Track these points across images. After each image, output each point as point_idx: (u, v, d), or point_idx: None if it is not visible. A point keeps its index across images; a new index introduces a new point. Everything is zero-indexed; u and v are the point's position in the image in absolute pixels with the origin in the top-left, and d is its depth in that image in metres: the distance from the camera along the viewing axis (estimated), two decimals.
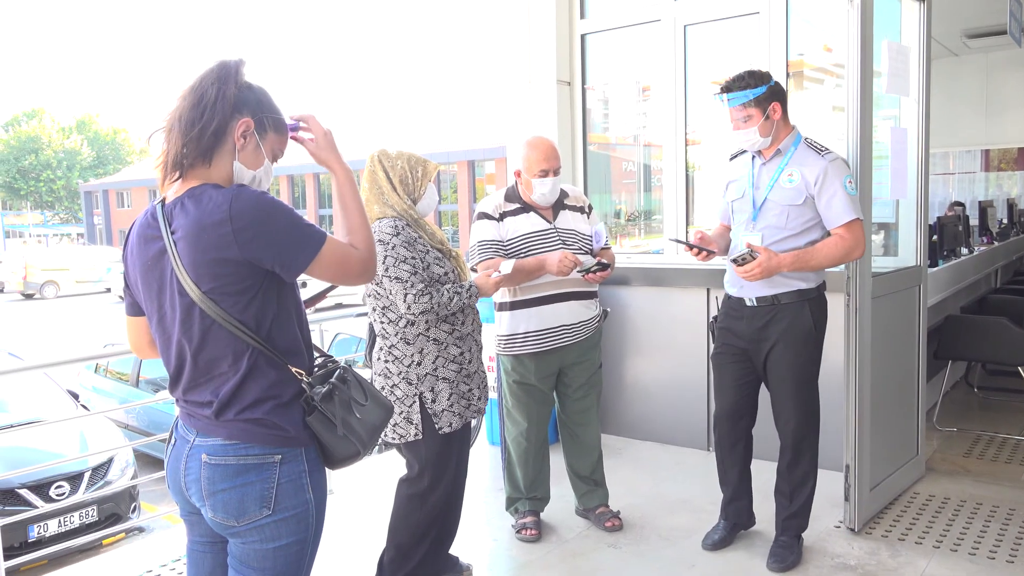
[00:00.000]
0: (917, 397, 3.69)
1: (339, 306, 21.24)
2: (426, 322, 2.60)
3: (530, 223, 3.19)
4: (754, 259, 2.71)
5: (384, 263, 2.54)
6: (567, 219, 3.25)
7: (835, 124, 4.16)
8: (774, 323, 2.86)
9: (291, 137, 1.74)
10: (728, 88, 2.81)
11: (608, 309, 3.55)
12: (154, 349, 1.73)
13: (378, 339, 2.72)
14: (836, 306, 3.22)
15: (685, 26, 4.37)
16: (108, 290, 26.99)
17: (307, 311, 1.80)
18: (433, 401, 2.63)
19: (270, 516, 1.59)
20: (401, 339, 2.64)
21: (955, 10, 6.82)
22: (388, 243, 2.55)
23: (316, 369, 1.70)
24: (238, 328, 1.56)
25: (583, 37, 4.81)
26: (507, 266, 2.85)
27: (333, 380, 1.67)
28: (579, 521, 3.43)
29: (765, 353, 2.90)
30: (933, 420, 4.53)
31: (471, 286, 2.67)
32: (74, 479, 5.59)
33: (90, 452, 5.69)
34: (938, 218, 5.18)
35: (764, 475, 3.16)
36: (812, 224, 2.82)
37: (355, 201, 1.74)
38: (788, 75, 4.06)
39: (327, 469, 1.70)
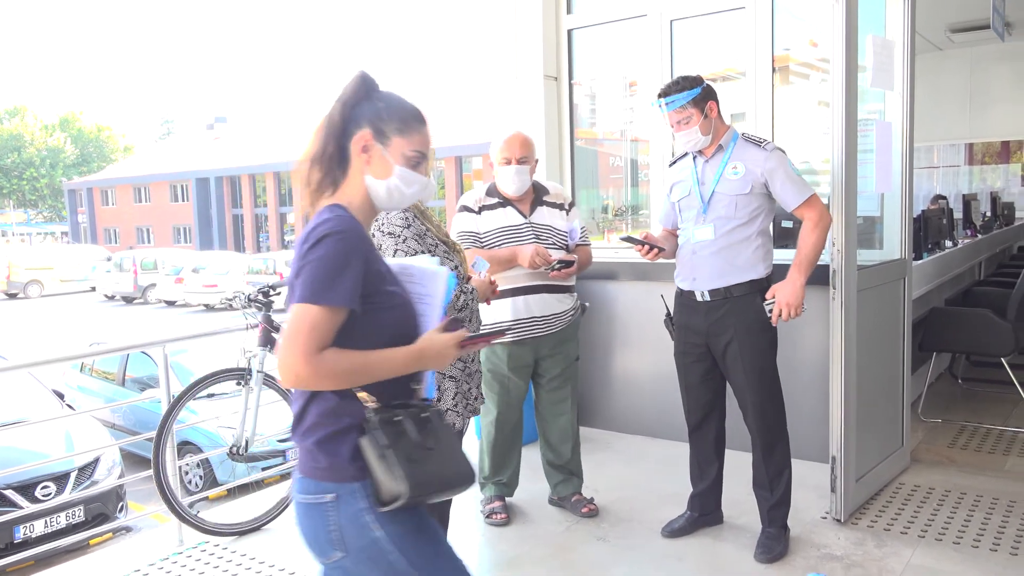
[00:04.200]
0: (902, 389, 3.72)
1: None
2: None
3: (506, 217, 3.26)
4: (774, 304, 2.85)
5: (394, 256, 2.48)
6: (543, 215, 3.32)
7: (821, 118, 4.19)
8: (729, 316, 2.92)
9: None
10: (666, 93, 2.93)
11: (587, 304, 3.60)
12: None
13: None
14: (822, 299, 3.25)
15: (671, 21, 4.37)
16: (93, 289, 26.81)
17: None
18: (438, 400, 2.59)
19: (346, 558, 1.53)
20: None
21: (939, 5, 6.87)
22: (399, 236, 2.48)
23: (402, 405, 1.56)
24: None
25: (570, 32, 4.81)
26: (482, 266, 2.84)
27: (400, 415, 1.53)
28: (562, 514, 3.45)
29: (723, 346, 2.95)
30: (918, 411, 4.57)
31: (474, 289, 2.65)
32: (60, 479, 5.55)
33: (76, 452, 5.66)
34: (922, 211, 5.22)
35: (740, 466, 3.17)
36: (759, 212, 2.91)
37: (379, 367, 1.54)
38: (774, 70, 4.08)
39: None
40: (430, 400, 1.65)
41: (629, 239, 3.09)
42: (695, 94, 2.89)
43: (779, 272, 2.98)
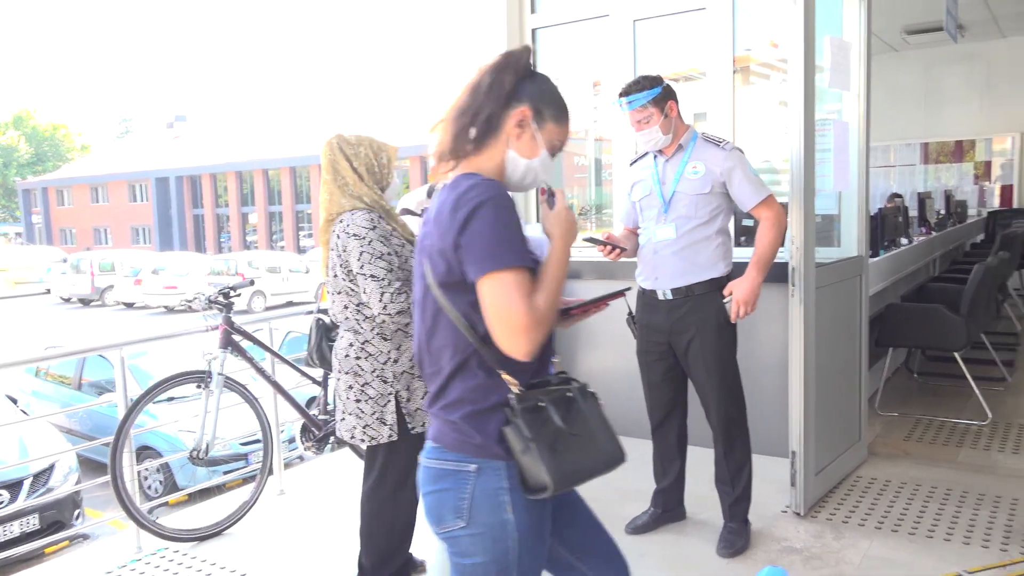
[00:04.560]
0: (859, 384, 3.80)
1: (290, 303, 20.97)
2: (404, 322, 2.55)
3: None
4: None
5: (360, 259, 2.46)
6: None
7: (781, 118, 4.24)
8: (690, 314, 2.95)
9: (544, 200, 1.65)
10: (627, 92, 2.95)
11: None
12: None
13: (346, 335, 2.62)
14: (781, 296, 3.30)
15: (634, 21, 4.40)
16: (48, 291, 26.18)
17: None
18: (408, 400, 2.57)
19: (464, 529, 1.51)
20: (378, 335, 2.56)
21: (895, 7, 7.02)
22: (365, 238, 2.47)
23: (544, 384, 1.55)
24: (458, 320, 1.50)
25: (534, 32, 4.81)
26: None
27: (547, 399, 1.50)
28: None
29: (685, 344, 2.99)
30: (875, 406, 4.67)
31: None
32: (13, 487, 5.41)
33: (30, 458, 5.52)
34: (879, 209, 5.32)
35: (702, 462, 3.20)
36: (719, 212, 2.95)
37: (556, 277, 1.53)
38: (735, 70, 4.12)
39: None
40: (573, 378, 1.59)
41: (591, 239, 3.11)
42: (655, 94, 2.92)
43: (739, 270, 3.02)
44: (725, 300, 2.92)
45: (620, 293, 1.81)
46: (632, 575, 1.76)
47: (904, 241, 5.66)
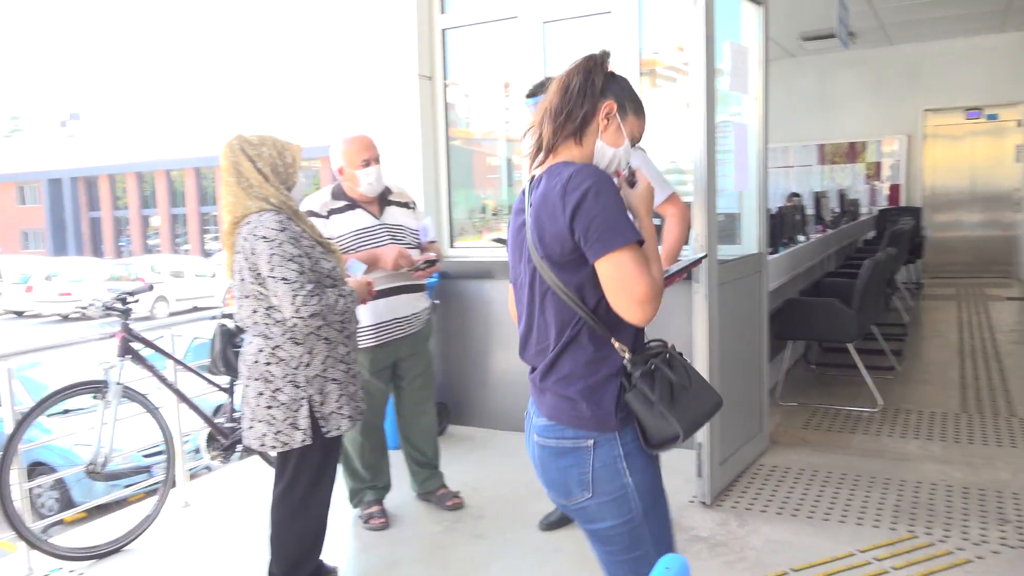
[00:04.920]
0: (761, 376, 3.95)
1: (195, 309, 20.26)
2: (316, 325, 2.50)
3: (358, 220, 3.24)
4: None
5: (270, 262, 2.40)
6: (395, 215, 3.34)
7: (687, 120, 4.36)
8: None
9: (625, 180, 1.76)
10: (534, 93, 2.99)
11: (437, 302, 3.65)
12: None
13: (255, 340, 2.53)
14: (686, 292, 3.39)
15: (543, 23, 4.45)
16: None
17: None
18: (322, 404, 2.52)
19: (591, 499, 1.62)
20: (289, 339, 2.49)
21: (791, 14, 7.34)
22: (274, 240, 2.40)
23: (645, 349, 1.67)
24: (567, 296, 1.60)
25: (444, 32, 4.80)
26: (357, 268, 2.80)
27: (656, 361, 1.62)
28: (440, 514, 3.46)
29: None
30: (776, 396, 4.87)
31: (352, 291, 2.60)
32: None
33: None
34: (779, 208, 5.55)
35: None
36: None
37: (655, 249, 1.67)
38: (641, 73, 4.22)
39: (651, 451, 1.64)
40: (661, 340, 1.70)
41: (500, 240, 3.13)
42: None
43: None
44: None
45: (698, 261, 2.00)
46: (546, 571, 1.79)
47: (802, 238, 5.92)
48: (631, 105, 1.73)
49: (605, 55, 1.72)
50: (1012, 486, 3.46)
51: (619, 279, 1.54)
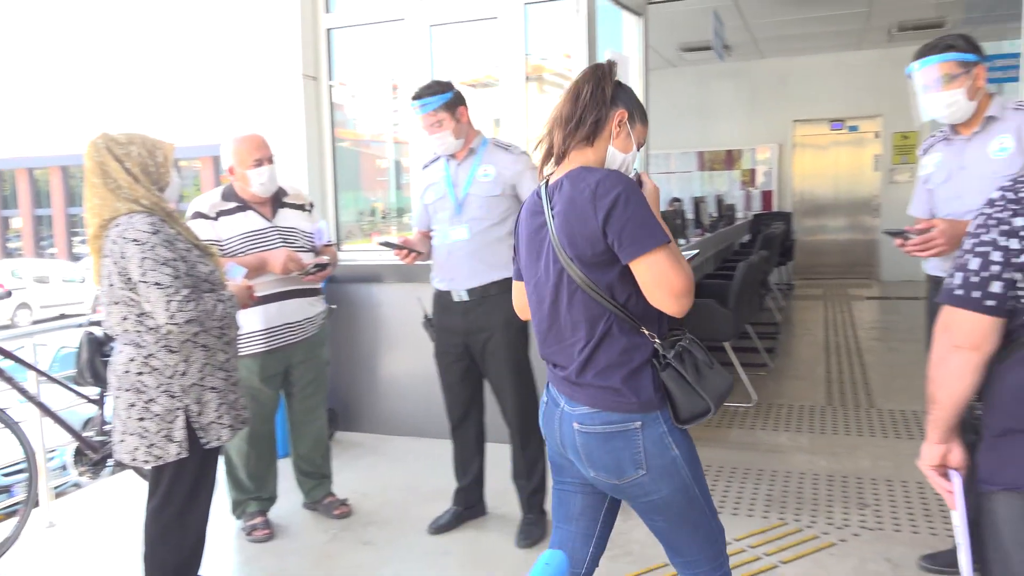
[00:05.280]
0: None
1: (63, 316, 19.01)
2: (193, 332, 2.40)
3: (248, 222, 3.16)
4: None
5: (142, 266, 2.27)
6: (287, 217, 3.26)
7: None
8: (486, 314, 3.04)
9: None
10: (419, 96, 3.00)
11: (334, 306, 3.59)
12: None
13: (126, 349, 2.39)
14: None
15: (430, 26, 4.44)
16: None
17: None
18: (200, 414, 2.41)
19: (645, 475, 1.72)
20: (163, 347, 2.37)
21: (671, 26, 7.62)
22: (146, 243, 2.28)
23: (670, 334, 1.78)
24: (597, 293, 1.69)
25: (328, 31, 4.72)
26: (237, 272, 2.71)
27: (683, 343, 1.74)
28: (327, 523, 3.40)
29: (482, 344, 3.07)
30: None
31: (231, 296, 2.50)
32: None
33: None
34: (661, 212, 5.74)
35: (501, 458, 3.30)
36: (510, 213, 3.05)
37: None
38: (527, 79, 4.28)
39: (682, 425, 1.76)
40: (682, 328, 1.81)
41: (387, 243, 3.11)
42: (446, 99, 2.97)
43: None
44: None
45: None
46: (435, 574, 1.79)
47: (683, 242, 6.16)
48: (638, 113, 1.84)
49: (612, 65, 1.81)
50: (871, 473, 3.73)
51: (656, 277, 1.65)
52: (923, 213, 2.72)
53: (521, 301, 2.00)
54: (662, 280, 1.65)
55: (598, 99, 1.75)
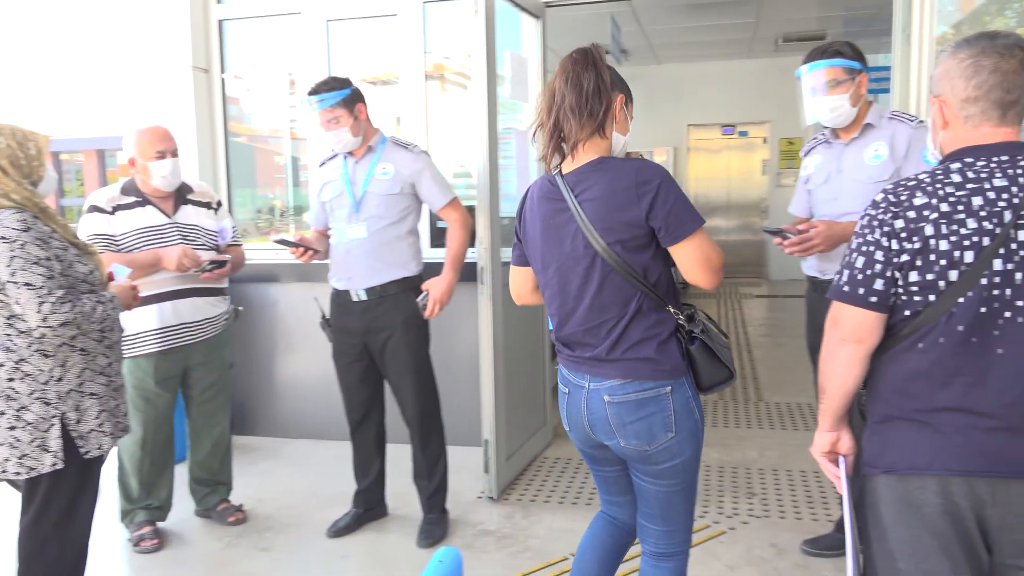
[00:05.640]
0: (544, 372, 4.14)
1: None
2: (70, 335, 2.26)
3: (147, 217, 3.04)
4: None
5: (11, 265, 2.12)
6: (189, 214, 3.15)
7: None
8: (385, 314, 3.02)
9: None
10: (316, 91, 2.95)
11: (240, 307, 3.49)
12: (536, 295, 2.05)
13: None
14: (471, 294, 3.48)
15: (327, 21, 4.36)
16: None
17: None
18: (78, 422, 2.27)
19: (673, 437, 1.84)
20: (36, 351, 2.22)
21: (569, 29, 7.72)
22: (15, 240, 2.13)
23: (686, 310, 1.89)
24: (633, 275, 1.79)
25: (221, 23, 4.56)
26: (121, 272, 2.58)
27: (702, 319, 1.88)
28: (223, 530, 3.29)
29: (381, 344, 3.05)
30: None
31: (113, 297, 2.37)
32: None
33: None
34: None
35: (402, 459, 3.28)
36: (409, 212, 3.06)
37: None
38: (427, 77, 4.27)
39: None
40: (690, 304, 1.93)
41: (282, 241, 3.04)
42: (344, 95, 2.93)
43: (430, 270, 3.14)
44: (420, 298, 3.01)
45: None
46: None
47: None
48: (629, 95, 1.92)
49: (599, 48, 1.85)
50: (759, 463, 3.91)
51: (700, 255, 1.81)
52: (802, 212, 2.87)
53: (522, 287, 2.07)
54: (703, 258, 1.81)
55: (601, 88, 1.81)
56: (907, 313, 1.45)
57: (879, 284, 1.46)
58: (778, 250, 2.70)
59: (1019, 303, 1.38)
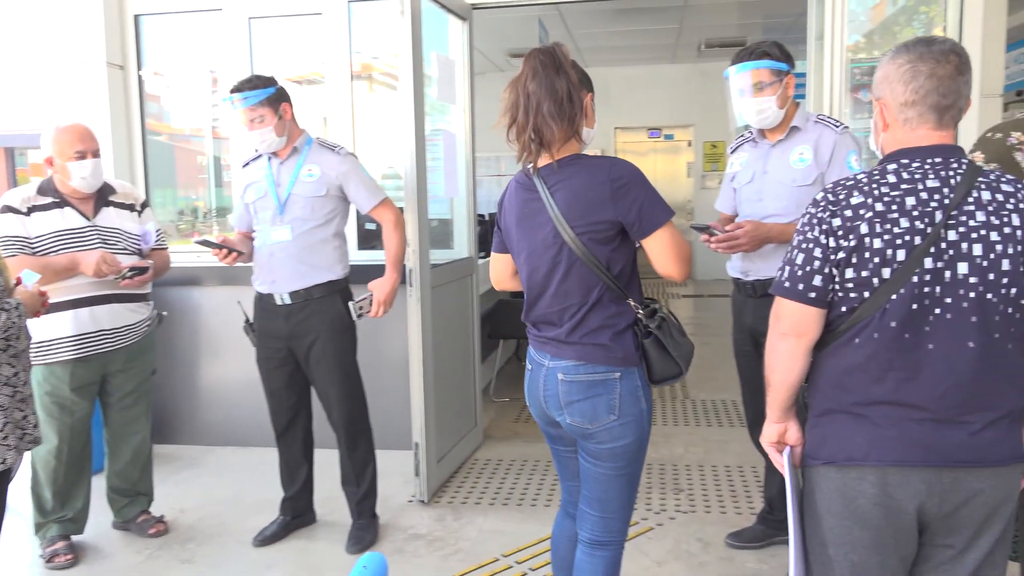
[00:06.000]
0: (474, 374, 4.14)
1: None
2: None
3: (64, 219, 2.91)
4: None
5: None
6: (111, 217, 3.03)
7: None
8: (311, 317, 2.97)
9: None
10: (239, 89, 2.89)
11: (164, 312, 3.37)
12: (514, 281, 2.12)
13: None
14: (400, 297, 3.45)
15: (249, 18, 4.26)
16: None
17: None
18: None
19: (616, 420, 1.92)
20: None
21: (498, 32, 7.76)
22: None
23: (646, 305, 1.97)
24: (597, 266, 1.87)
25: (137, 18, 4.41)
26: (29, 278, 2.46)
27: (661, 313, 1.95)
28: (142, 542, 3.18)
29: (306, 348, 3.00)
30: (490, 393, 5.13)
31: (19, 304, 2.26)
32: None
33: None
34: (490, 214, 5.84)
35: (330, 464, 3.23)
36: (335, 215, 3.01)
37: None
38: (353, 77, 4.21)
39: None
40: (655, 299, 2.00)
41: (205, 242, 2.95)
42: (268, 93, 2.87)
43: (355, 273, 3.11)
44: (363, 299, 2.97)
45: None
46: None
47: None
48: (592, 88, 1.98)
49: (563, 48, 1.89)
50: (685, 459, 3.99)
51: (670, 247, 1.89)
52: (728, 209, 2.93)
53: (501, 273, 2.15)
54: (673, 248, 1.90)
55: (572, 92, 1.87)
56: (844, 309, 1.50)
57: (818, 280, 1.50)
58: (704, 250, 2.76)
59: (948, 300, 1.43)
